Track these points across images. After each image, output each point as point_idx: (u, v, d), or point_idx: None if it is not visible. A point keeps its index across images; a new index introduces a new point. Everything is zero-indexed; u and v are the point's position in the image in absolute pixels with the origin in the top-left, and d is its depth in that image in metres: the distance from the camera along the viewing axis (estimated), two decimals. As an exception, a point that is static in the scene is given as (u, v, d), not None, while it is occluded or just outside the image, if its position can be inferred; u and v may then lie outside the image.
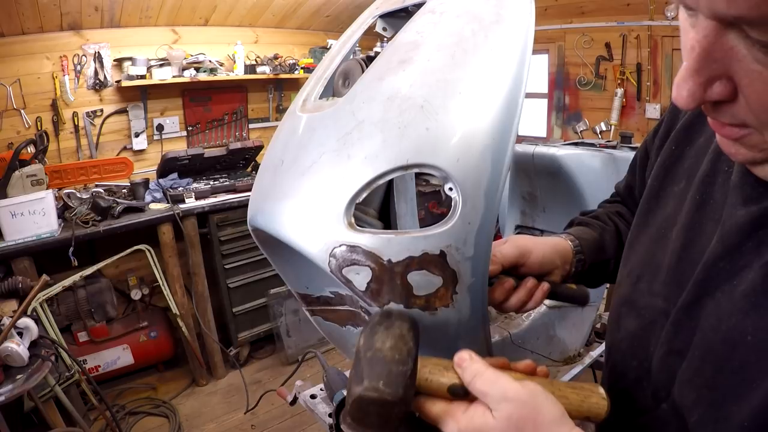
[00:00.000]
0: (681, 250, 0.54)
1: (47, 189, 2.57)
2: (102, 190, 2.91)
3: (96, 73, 3.18)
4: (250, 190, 1.08)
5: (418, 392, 0.53)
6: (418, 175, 0.76)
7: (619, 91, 3.45)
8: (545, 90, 3.97)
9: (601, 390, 0.53)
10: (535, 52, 0.68)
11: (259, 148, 3.42)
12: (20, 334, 1.82)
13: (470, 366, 0.52)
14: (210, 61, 3.44)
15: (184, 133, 3.65)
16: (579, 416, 0.50)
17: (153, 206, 2.90)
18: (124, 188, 3.07)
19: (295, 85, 4.00)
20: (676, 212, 0.57)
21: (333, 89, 0.79)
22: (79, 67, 3.12)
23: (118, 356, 2.97)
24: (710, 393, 0.46)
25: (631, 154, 2.04)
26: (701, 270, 0.49)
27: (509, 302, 0.72)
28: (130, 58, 3.16)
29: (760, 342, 0.42)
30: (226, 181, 3.27)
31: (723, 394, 0.45)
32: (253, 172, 3.57)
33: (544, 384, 0.52)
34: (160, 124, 3.48)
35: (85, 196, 2.81)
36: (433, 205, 3.86)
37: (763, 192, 0.45)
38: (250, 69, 3.64)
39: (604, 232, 0.83)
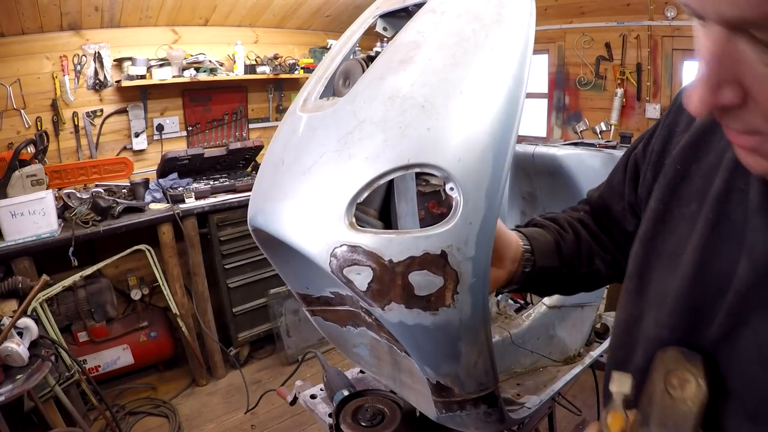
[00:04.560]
0: (693, 276, 0.51)
1: (47, 189, 2.57)
2: (102, 190, 2.91)
3: (96, 73, 3.18)
4: (250, 190, 1.08)
5: None
6: (417, 175, 0.76)
7: (619, 91, 3.45)
8: (545, 90, 3.97)
9: None
10: (535, 52, 0.68)
11: (259, 148, 3.42)
12: (20, 334, 1.82)
13: None
14: (210, 61, 3.44)
15: (184, 133, 3.65)
16: None
17: (153, 206, 2.90)
18: (124, 188, 3.07)
19: (295, 85, 4.00)
20: (688, 236, 0.54)
21: (333, 89, 0.79)
22: (79, 67, 3.12)
23: (118, 356, 2.96)
24: (755, 426, 0.44)
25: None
26: (734, 299, 0.46)
27: None
28: (130, 58, 3.15)
29: None
30: (226, 181, 3.27)
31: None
32: (253, 172, 3.56)
33: None
34: (160, 124, 3.48)
35: (85, 196, 2.81)
36: (433, 205, 3.86)
37: None
38: (250, 69, 3.63)
39: (560, 237, 0.79)
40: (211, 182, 3.23)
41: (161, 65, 3.23)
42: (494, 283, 0.75)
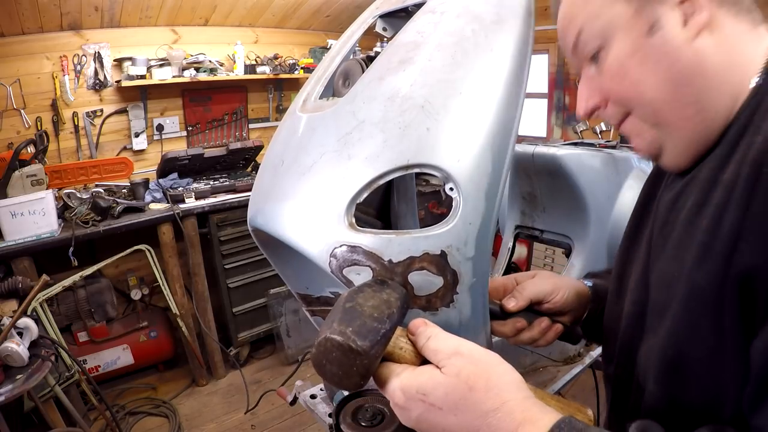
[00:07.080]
0: (645, 260, 0.58)
1: (47, 189, 2.57)
2: (102, 190, 2.91)
3: (96, 73, 3.18)
4: (250, 190, 1.08)
5: (390, 359, 0.51)
6: (417, 175, 0.76)
7: (619, 91, 3.44)
8: (545, 90, 3.97)
9: (590, 412, 0.52)
10: (535, 52, 0.68)
11: (259, 148, 3.41)
12: (20, 334, 1.82)
13: (425, 330, 0.51)
14: (210, 61, 3.44)
15: (184, 133, 3.64)
16: None
17: (153, 206, 2.90)
18: (124, 188, 3.07)
19: (295, 85, 4.00)
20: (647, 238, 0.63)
21: (333, 89, 0.79)
22: (79, 67, 3.12)
23: (118, 356, 2.96)
24: (653, 337, 0.52)
25: (631, 155, 2.04)
26: (645, 253, 0.57)
27: (520, 337, 0.75)
28: (130, 58, 3.15)
29: (665, 281, 0.50)
30: (226, 181, 3.27)
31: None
32: (253, 172, 3.56)
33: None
34: (160, 124, 3.48)
35: (85, 196, 2.81)
36: (433, 205, 3.86)
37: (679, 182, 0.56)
38: (250, 69, 3.63)
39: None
40: (211, 182, 3.23)
41: (161, 65, 3.23)
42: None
